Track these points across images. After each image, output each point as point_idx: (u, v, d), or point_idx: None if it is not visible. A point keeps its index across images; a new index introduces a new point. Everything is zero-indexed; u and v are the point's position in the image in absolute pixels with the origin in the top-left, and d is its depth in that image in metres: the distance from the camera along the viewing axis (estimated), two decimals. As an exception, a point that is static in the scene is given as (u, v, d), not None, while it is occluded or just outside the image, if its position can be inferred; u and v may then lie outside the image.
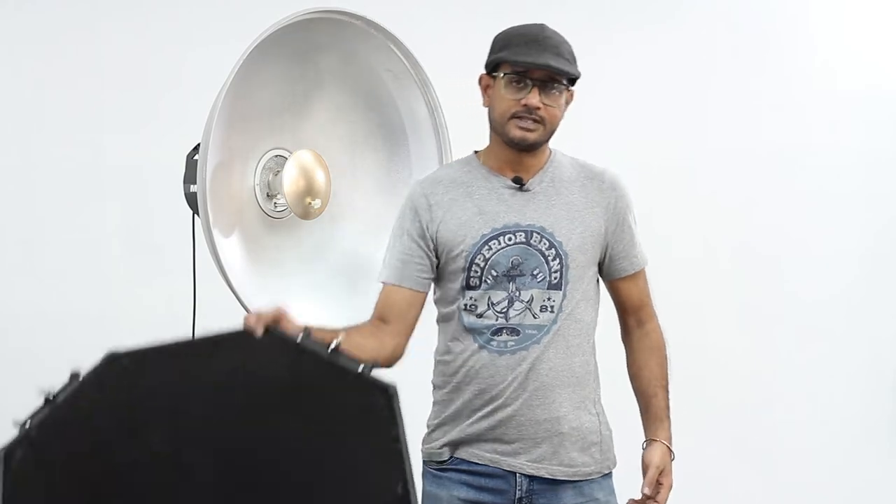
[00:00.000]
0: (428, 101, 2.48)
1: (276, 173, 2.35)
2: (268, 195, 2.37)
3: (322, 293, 2.43)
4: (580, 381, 2.07)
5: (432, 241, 2.06)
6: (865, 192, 3.82)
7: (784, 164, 3.78)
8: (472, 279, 2.04)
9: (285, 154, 2.38)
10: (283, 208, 2.39)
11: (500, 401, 2.03)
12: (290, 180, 2.31)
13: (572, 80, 2.05)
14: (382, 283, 2.09)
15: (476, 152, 2.15)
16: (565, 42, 2.04)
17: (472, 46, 3.52)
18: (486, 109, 2.09)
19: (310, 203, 2.34)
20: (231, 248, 2.25)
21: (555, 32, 2.04)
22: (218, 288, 2.21)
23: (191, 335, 2.53)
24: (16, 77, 3.44)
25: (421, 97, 2.48)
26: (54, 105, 3.43)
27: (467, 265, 2.03)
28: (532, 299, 2.02)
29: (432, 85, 2.47)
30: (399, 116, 2.51)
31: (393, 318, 2.05)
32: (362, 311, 2.06)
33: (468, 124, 2.71)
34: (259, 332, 1.65)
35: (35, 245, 3.45)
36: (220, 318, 2.56)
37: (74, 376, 1.58)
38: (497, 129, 2.07)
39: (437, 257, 2.07)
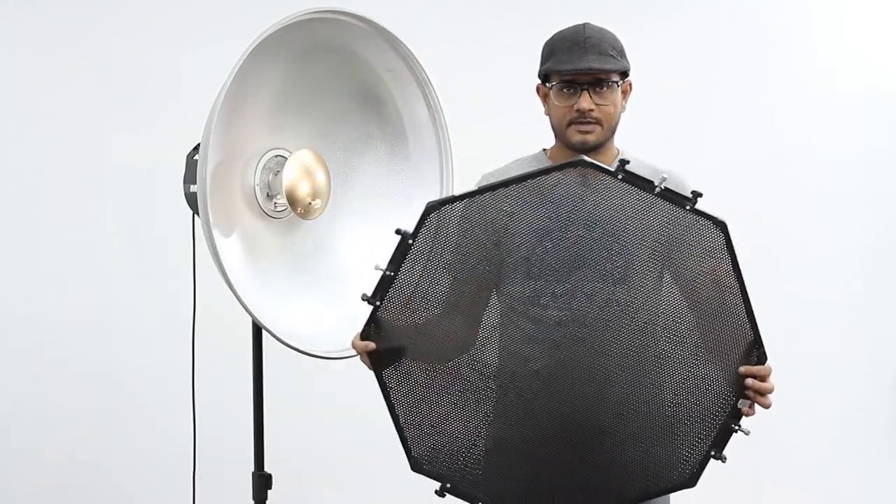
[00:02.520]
0: (428, 101, 2.48)
1: (276, 173, 2.35)
2: (268, 195, 2.37)
3: (322, 293, 2.43)
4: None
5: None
6: (865, 192, 3.82)
7: (784, 164, 3.78)
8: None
9: (285, 154, 2.38)
10: (283, 208, 2.39)
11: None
12: (290, 180, 2.31)
13: (625, 73, 2.06)
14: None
15: (545, 150, 2.17)
16: (608, 37, 2.05)
17: (472, 46, 3.55)
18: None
19: (310, 203, 2.34)
20: (231, 248, 2.25)
21: (597, 30, 2.05)
22: (218, 288, 2.21)
23: (191, 335, 2.55)
24: (16, 77, 3.44)
25: (421, 97, 2.48)
26: (54, 105, 3.44)
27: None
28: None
29: (432, 85, 2.47)
30: (399, 116, 2.51)
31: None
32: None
33: (468, 124, 2.73)
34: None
35: (35, 245, 3.45)
36: (220, 318, 2.59)
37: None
38: (558, 135, 2.11)
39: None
